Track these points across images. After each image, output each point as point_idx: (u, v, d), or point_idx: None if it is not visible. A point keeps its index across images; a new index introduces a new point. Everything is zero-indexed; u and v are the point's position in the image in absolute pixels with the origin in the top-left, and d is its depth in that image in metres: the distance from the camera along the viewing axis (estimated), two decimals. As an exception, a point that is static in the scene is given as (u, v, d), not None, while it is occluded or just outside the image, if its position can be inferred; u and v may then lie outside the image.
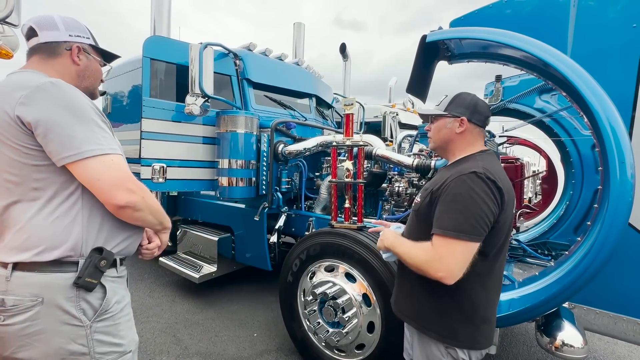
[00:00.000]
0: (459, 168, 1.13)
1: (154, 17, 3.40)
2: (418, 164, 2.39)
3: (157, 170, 2.69)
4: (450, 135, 1.25)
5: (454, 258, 1.03)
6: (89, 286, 0.94)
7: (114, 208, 0.96)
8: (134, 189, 0.97)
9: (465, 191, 1.05)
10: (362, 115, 5.13)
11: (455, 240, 1.03)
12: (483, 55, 1.87)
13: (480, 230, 1.03)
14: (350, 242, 2.05)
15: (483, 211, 1.03)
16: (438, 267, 1.04)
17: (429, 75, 2.01)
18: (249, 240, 3.20)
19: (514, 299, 1.73)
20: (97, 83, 1.16)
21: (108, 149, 0.95)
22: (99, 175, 0.92)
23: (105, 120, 1.01)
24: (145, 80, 2.70)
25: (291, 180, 3.16)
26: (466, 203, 1.04)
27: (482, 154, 1.22)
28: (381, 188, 2.89)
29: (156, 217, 1.09)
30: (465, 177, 1.07)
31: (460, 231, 1.03)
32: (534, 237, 3.32)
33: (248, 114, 2.91)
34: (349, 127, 2.18)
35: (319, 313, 2.15)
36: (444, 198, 1.09)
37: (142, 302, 3.19)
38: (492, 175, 1.07)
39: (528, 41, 1.54)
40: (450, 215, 1.06)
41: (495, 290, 1.21)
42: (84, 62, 1.08)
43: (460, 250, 1.03)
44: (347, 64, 6.47)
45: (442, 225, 1.06)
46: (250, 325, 2.84)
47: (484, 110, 1.24)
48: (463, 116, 1.21)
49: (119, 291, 1.04)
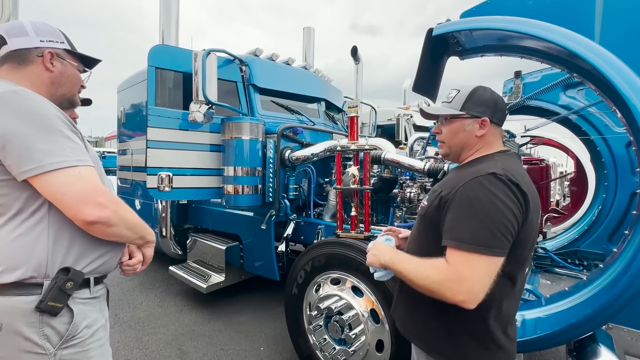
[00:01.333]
0: (474, 169, 0.97)
1: (162, 27, 3.43)
2: (430, 167, 2.23)
3: (163, 179, 2.67)
4: (469, 139, 1.07)
5: (475, 277, 0.86)
6: (53, 310, 0.86)
7: (83, 224, 0.88)
8: (104, 202, 0.89)
9: (484, 195, 0.89)
10: (374, 119, 4.98)
11: (476, 255, 0.86)
12: (498, 48, 1.71)
13: (505, 241, 0.87)
14: (357, 253, 1.91)
15: (507, 218, 0.87)
16: (457, 289, 0.86)
17: (438, 72, 1.87)
18: (257, 249, 3.12)
19: (541, 319, 1.54)
20: (76, 89, 1.09)
21: (74, 160, 0.88)
22: (64, 190, 0.85)
23: (75, 130, 0.94)
24: (150, 89, 2.69)
25: (299, 186, 3.07)
26: (486, 209, 0.87)
27: (501, 154, 1.06)
28: (392, 194, 2.74)
29: (135, 231, 1.01)
30: (483, 179, 0.91)
31: (481, 244, 0.86)
32: (563, 245, 3.05)
33: (253, 120, 2.85)
34: (354, 130, 2.06)
35: (324, 328, 2.02)
36: (457, 203, 0.92)
37: (151, 312, 3.17)
38: (514, 177, 0.91)
39: (549, 28, 1.38)
40: (467, 224, 0.89)
41: (514, 310, 1.04)
42: (59, 68, 1.01)
43: (484, 267, 0.86)
44: (359, 67, 6.35)
45: (458, 236, 0.89)
46: (257, 339, 2.74)
47: (504, 108, 1.10)
48: (485, 116, 1.04)
49: (91, 314, 0.96)
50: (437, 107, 1.20)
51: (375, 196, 2.84)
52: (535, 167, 4.09)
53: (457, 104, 1.07)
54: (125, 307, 3.29)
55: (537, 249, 2.98)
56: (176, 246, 3.84)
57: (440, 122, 1.14)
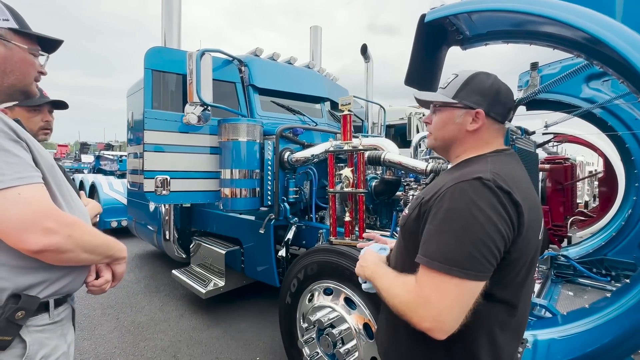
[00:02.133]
0: (460, 172, 0.82)
1: (164, 29, 3.41)
2: (433, 168, 2.05)
3: (160, 183, 2.63)
4: (458, 132, 0.91)
5: (444, 302, 0.72)
6: (0, 345, 0.76)
7: (29, 253, 0.77)
8: (53, 227, 0.77)
9: (463, 205, 0.74)
10: (383, 118, 4.80)
11: (445, 277, 0.72)
12: (503, 35, 1.53)
13: (485, 263, 0.71)
14: (349, 262, 1.77)
15: (488, 235, 0.71)
16: (422, 314, 0.73)
17: (437, 64, 1.70)
18: (257, 254, 3.03)
19: (555, 342, 1.34)
20: (29, 78, 0.91)
21: (13, 179, 0.74)
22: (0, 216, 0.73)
23: (17, 139, 0.79)
24: (147, 91, 2.67)
25: (300, 189, 2.95)
26: (464, 222, 0.72)
27: (497, 154, 0.88)
28: (395, 197, 2.58)
29: (97, 252, 0.91)
30: (465, 185, 0.76)
31: (453, 264, 0.71)
32: (588, 252, 2.78)
33: (250, 121, 2.77)
34: (347, 129, 1.92)
35: (317, 342, 1.89)
36: (434, 213, 0.78)
37: (152, 317, 3.14)
38: (504, 184, 0.75)
39: (562, 7, 1.19)
40: (440, 238, 0.75)
41: (513, 342, 0.87)
42: (2, 52, 0.84)
43: (454, 291, 0.72)
44: (369, 65, 6.18)
45: (430, 252, 0.75)
46: (254, 347, 2.64)
47: (507, 100, 0.90)
48: (479, 107, 0.87)
49: (49, 342, 0.85)
50: (430, 93, 1.03)
51: (377, 199, 2.68)
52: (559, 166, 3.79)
53: (451, 90, 0.91)
54: (127, 310, 3.29)
55: (558, 257, 2.72)
56: (180, 250, 3.82)
57: (431, 110, 0.98)
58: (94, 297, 3.56)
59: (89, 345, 2.64)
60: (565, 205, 3.70)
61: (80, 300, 3.42)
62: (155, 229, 4.01)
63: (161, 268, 4.59)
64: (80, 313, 3.18)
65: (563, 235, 3.51)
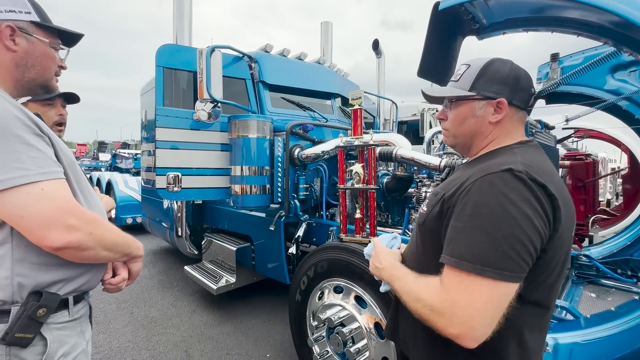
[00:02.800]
0: (485, 165, 0.76)
1: (176, 28, 3.43)
2: (447, 164, 1.98)
3: (172, 179, 2.65)
4: (480, 126, 0.84)
5: (474, 306, 0.65)
6: (21, 342, 0.75)
7: (50, 250, 0.76)
8: (75, 224, 0.76)
9: (493, 199, 0.67)
10: (395, 114, 4.72)
11: (476, 278, 0.66)
12: (523, 22, 1.45)
13: (521, 263, 0.65)
14: (360, 260, 1.73)
15: (525, 233, 0.65)
16: (449, 319, 0.67)
17: (452, 55, 1.63)
18: (267, 251, 3.03)
19: (579, 347, 1.26)
20: (49, 72, 0.90)
21: (36, 174, 0.73)
22: (22, 212, 0.71)
23: (40, 133, 0.77)
24: (158, 89, 2.68)
25: (310, 186, 2.92)
26: (495, 218, 0.66)
27: (522, 145, 0.82)
28: (408, 194, 2.52)
29: (116, 250, 0.90)
30: (494, 178, 0.69)
31: (485, 264, 0.65)
32: (612, 252, 2.65)
33: (260, 118, 2.75)
34: (357, 124, 1.87)
35: (327, 340, 1.86)
36: (461, 209, 0.71)
37: (165, 312, 3.19)
38: (538, 176, 0.68)
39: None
40: (470, 237, 0.68)
41: (540, 343, 0.81)
42: (23, 46, 0.83)
43: (486, 294, 0.65)
44: (381, 61, 6.08)
45: (458, 252, 0.69)
46: (264, 344, 2.64)
47: (528, 85, 0.84)
48: (501, 97, 0.81)
49: (69, 339, 0.85)
50: (442, 88, 0.95)
51: (389, 196, 2.63)
52: (580, 163, 3.65)
53: (466, 82, 0.85)
54: (141, 305, 3.34)
55: (579, 256, 2.60)
56: (192, 246, 3.86)
57: (445, 105, 0.91)
58: (110, 291, 3.64)
59: (103, 338, 2.70)
60: (586, 204, 3.54)
61: (96, 294, 3.48)
62: (168, 226, 4.06)
63: (174, 264, 4.66)
64: (96, 307, 3.26)
65: (584, 235, 3.36)
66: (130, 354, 2.48)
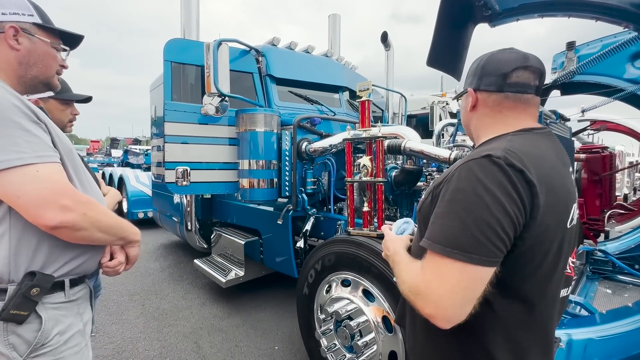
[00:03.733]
0: (473, 152, 0.78)
1: (183, 23, 3.44)
2: (457, 157, 1.94)
3: (181, 174, 2.67)
4: (465, 116, 0.93)
5: (444, 287, 0.67)
6: (17, 319, 0.80)
7: (46, 229, 0.80)
8: (69, 205, 0.80)
9: (468, 184, 0.69)
10: (404, 108, 4.65)
11: (447, 260, 0.67)
12: (538, 7, 1.39)
13: (489, 246, 0.65)
14: (368, 253, 1.72)
15: (494, 216, 0.65)
16: (424, 300, 0.69)
17: (463, 43, 1.58)
18: (275, 245, 3.04)
19: (593, 343, 1.23)
20: (51, 70, 0.96)
21: (32, 157, 0.78)
22: (19, 192, 0.76)
23: (37, 121, 0.83)
24: (166, 83, 2.69)
25: (318, 180, 2.91)
26: (468, 203, 0.67)
27: (523, 132, 0.79)
28: (417, 187, 2.48)
29: (111, 233, 0.93)
30: (473, 164, 0.70)
31: (454, 246, 0.66)
32: (629, 248, 2.56)
33: (268, 111, 2.75)
34: (365, 116, 1.84)
35: (334, 333, 1.86)
36: (442, 196, 0.74)
37: (175, 304, 3.24)
38: (518, 162, 0.68)
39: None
40: (443, 221, 0.71)
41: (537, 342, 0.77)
42: (26, 45, 0.89)
43: (455, 276, 0.66)
44: (390, 53, 5.99)
45: (433, 235, 0.71)
46: (272, 337, 2.66)
47: (494, 68, 0.81)
48: (469, 87, 0.88)
49: (65, 319, 0.88)
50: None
51: (397, 190, 2.60)
52: (596, 156, 3.54)
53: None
54: (152, 297, 3.41)
55: (594, 252, 2.53)
56: (201, 240, 3.90)
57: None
58: (122, 283, 3.72)
59: (116, 329, 2.76)
60: (602, 198, 3.44)
61: (110, 286, 3.58)
62: (178, 220, 4.11)
63: (184, 257, 4.73)
64: (110, 299, 3.34)
65: (599, 230, 3.27)
66: (142, 344, 2.53)
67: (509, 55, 0.81)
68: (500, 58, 0.82)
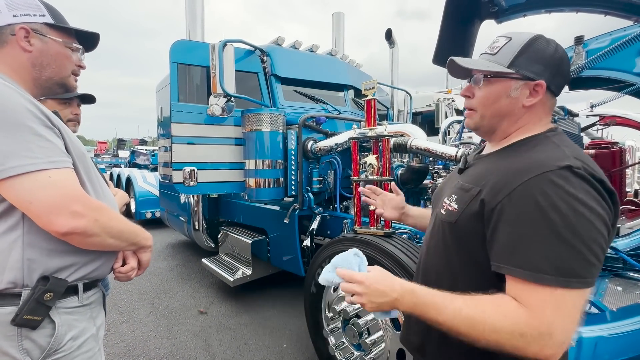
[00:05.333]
0: (531, 160, 0.68)
1: (188, 24, 3.46)
2: (463, 154, 1.93)
3: (188, 174, 2.70)
4: (513, 109, 0.76)
5: (567, 321, 0.60)
6: (30, 324, 0.79)
7: (58, 235, 0.79)
8: (80, 211, 0.79)
9: (562, 201, 0.61)
10: (409, 105, 4.63)
11: (566, 292, 0.59)
12: (545, 2, 1.38)
13: (599, 265, 0.61)
14: (374, 252, 1.72)
15: (601, 234, 0.61)
16: (545, 343, 0.59)
17: (469, 41, 1.58)
18: (282, 244, 3.06)
19: (604, 340, 1.22)
20: (66, 70, 0.94)
21: (45, 162, 0.77)
22: (31, 198, 0.75)
23: (50, 125, 0.82)
24: (173, 85, 2.72)
25: (324, 179, 2.92)
26: (569, 222, 0.60)
27: (556, 134, 0.75)
28: (423, 185, 2.48)
29: (122, 239, 0.92)
30: (554, 177, 0.62)
31: (570, 274, 0.59)
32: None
33: (273, 111, 2.76)
34: (371, 115, 1.84)
35: (342, 331, 1.87)
36: (519, 214, 0.64)
37: (184, 303, 3.28)
38: (595, 172, 0.64)
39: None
40: (541, 245, 0.61)
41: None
42: (38, 46, 0.87)
43: (577, 307, 0.61)
44: (394, 51, 5.96)
45: (531, 264, 0.61)
46: (280, 335, 2.68)
47: (567, 71, 0.77)
48: (541, 79, 0.73)
49: (78, 324, 0.88)
50: (476, 60, 0.83)
51: (404, 188, 2.59)
52: (606, 151, 3.48)
53: (505, 57, 0.75)
54: (162, 296, 3.45)
55: (604, 249, 2.50)
56: (208, 239, 3.94)
57: (474, 81, 0.79)
58: (132, 283, 3.78)
59: (127, 327, 2.81)
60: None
61: (119, 285, 3.64)
62: (185, 220, 4.16)
63: (192, 257, 4.78)
64: (120, 298, 3.39)
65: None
66: (152, 342, 2.57)
67: (568, 57, 0.77)
68: (568, 60, 0.76)
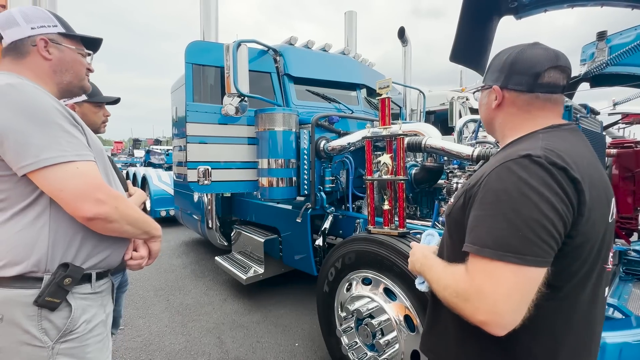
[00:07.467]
0: (507, 152, 0.76)
1: (203, 25, 3.51)
2: (480, 154, 1.90)
3: (202, 173, 2.74)
4: (488, 112, 0.90)
5: (499, 292, 0.64)
6: (50, 305, 0.87)
7: (83, 220, 0.88)
8: (103, 199, 0.88)
9: (512, 185, 0.67)
10: (422, 104, 4.57)
11: (499, 264, 0.65)
12: (567, -3, 1.34)
13: (542, 246, 0.64)
14: (389, 252, 1.71)
15: (545, 215, 0.64)
16: (475, 306, 0.66)
17: (487, 37, 1.54)
18: (294, 243, 3.07)
19: (629, 347, 1.18)
20: (82, 75, 1.05)
21: (73, 155, 0.86)
22: (62, 186, 0.84)
23: (75, 124, 0.92)
24: (188, 85, 2.76)
25: (336, 178, 2.92)
26: (514, 203, 0.65)
27: (552, 129, 0.78)
28: (437, 185, 2.45)
29: (137, 226, 1.00)
30: (512, 164, 0.69)
31: (506, 249, 0.64)
32: (666, 248, 2.42)
33: (286, 111, 2.77)
34: (385, 114, 1.83)
35: (355, 331, 1.87)
36: (481, 198, 0.72)
37: (198, 300, 3.33)
38: (559, 160, 0.67)
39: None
40: (490, 223, 0.68)
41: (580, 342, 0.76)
42: (56, 54, 0.97)
43: (511, 280, 0.64)
44: (407, 49, 5.89)
45: (478, 239, 0.69)
46: (293, 333, 2.69)
47: (525, 67, 0.79)
48: (495, 84, 0.85)
49: (90, 309, 0.96)
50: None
51: (417, 188, 2.57)
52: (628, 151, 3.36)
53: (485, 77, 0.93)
54: (176, 293, 3.52)
55: (628, 252, 2.42)
56: (221, 237, 3.99)
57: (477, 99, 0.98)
58: (148, 279, 3.86)
59: (143, 323, 2.87)
60: (635, 196, 3.26)
61: (136, 282, 3.73)
62: (199, 218, 4.22)
63: (205, 255, 4.86)
64: (136, 294, 3.47)
65: (632, 229, 3.11)
66: (168, 338, 2.63)
67: (539, 53, 0.78)
68: (531, 56, 0.79)
